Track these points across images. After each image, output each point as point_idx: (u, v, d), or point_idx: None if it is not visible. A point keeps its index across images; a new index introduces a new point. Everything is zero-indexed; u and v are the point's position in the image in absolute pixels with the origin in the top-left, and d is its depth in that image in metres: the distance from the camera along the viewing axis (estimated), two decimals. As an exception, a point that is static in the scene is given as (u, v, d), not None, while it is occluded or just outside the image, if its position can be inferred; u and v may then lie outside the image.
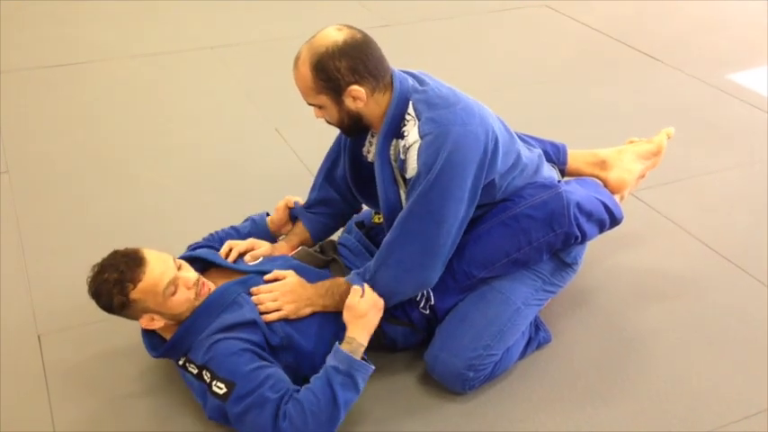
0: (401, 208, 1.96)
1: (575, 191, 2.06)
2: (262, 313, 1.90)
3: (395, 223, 1.90)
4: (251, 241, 2.16)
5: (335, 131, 2.12)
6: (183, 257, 2.07)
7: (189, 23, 4.48)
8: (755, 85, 3.78)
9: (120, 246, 1.96)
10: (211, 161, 3.13)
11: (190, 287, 1.89)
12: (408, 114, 1.90)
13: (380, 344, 2.06)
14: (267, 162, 3.12)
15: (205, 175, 3.03)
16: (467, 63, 4.04)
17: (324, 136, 2.26)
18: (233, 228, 2.29)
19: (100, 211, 2.79)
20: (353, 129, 2.00)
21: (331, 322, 1.97)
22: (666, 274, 2.50)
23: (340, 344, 1.86)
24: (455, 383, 1.99)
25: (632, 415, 1.98)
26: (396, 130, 1.92)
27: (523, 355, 2.12)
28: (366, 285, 1.93)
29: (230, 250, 2.12)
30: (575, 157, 2.38)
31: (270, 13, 4.62)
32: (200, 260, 2.09)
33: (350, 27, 1.91)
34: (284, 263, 2.07)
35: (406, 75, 1.98)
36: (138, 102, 3.62)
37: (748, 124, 3.43)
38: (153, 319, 1.90)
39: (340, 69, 1.85)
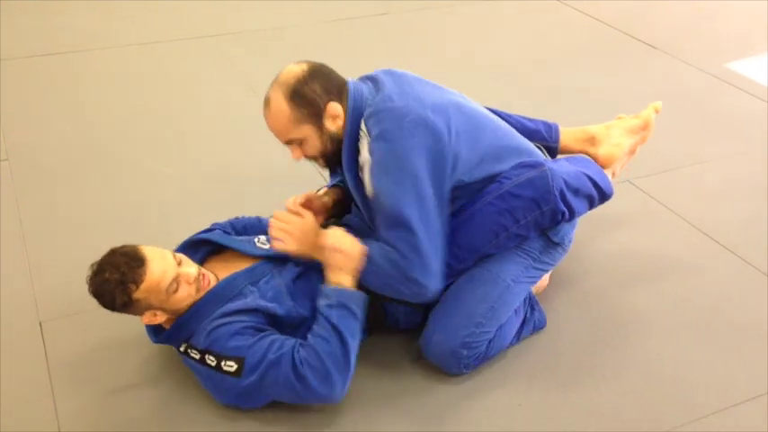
0: None
1: (561, 168, 2.06)
2: (271, 239, 1.99)
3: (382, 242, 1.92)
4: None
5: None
6: (195, 239, 2.11)
7: (190, 12, 4.47)
8: (754, 73, 3.79)
9: (119, 235, 1.97)
10: (212, 149, 3.14)
11: (191, 283, 1.90)
12: (361, 131, 1.93)
13: (383, 325, 2.09)
14: (268, 151, 3.11)
15: (205, 163, 3.03)
16: (467, 51, 4.04)
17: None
18: (257, 218, 2.32)
19: (100, 198, 2.80)
20: (335, 155, 2.00)
21: None
22: (664, 261, 2.51)
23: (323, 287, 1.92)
24: (450, 363, 2.01)
25: (630, 399, 2.00)
26: (355, 145, 1.95)
27: (518, 337, 2.14)
28: (350, 236, 1.94)
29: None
30: (564, 135, 2.40)
31: (270, 2, 4.61)
32: (211, 242, 2.11)
33: (301, 60, 1.99)
34: None
35: (363, 83, 2.02)
36: (139, 90, 3.61)
37: (746, 113, 3.44)
38: (155, 315, 1.92)
39: (316, 90, 1.92)
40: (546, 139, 2.33)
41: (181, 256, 1.95)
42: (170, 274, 1.86)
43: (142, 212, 2.71)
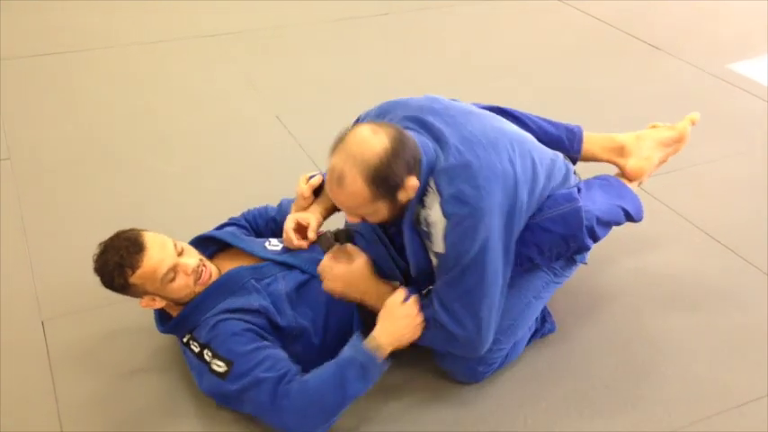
0: (430, 266, 1.89)
1: (594, 203, 2.02)
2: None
3: (435, 303, 1.84)
4: (296, 217, 2.12)
5: (336, 119, 2.10)
6: (206, 236, 2.12)
7: (190, 12, 4.46)
8: (755, 74, 3.78)
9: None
10: (212, 148, 3.14)
11: (189, 274, 1.91)
12: (429, 187, 1.80)
13: None
14: (268, 149, 3.12)
15: (206, 161, 3.03)
16: (467, 51, 4.04)
17: (324, 123, 2.27)
18: (264, 207, 2.33)
19: (101, 196, 2.80)
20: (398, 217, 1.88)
21: (345, 324, 1.99)
22: (665, 261, 2.51)
23: (361, 338, 1.84)
24: (465, 377, 2.01)
25: (633, 401, 2.00)
26: (418, 198, 1.82)
27: (530, 341, 2.14)
28: (413, 299, 1.87)
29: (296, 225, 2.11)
30: (591, 141, 2.29)
31: (271, 2, 4.61)
32: (221, 240, 2.12)
33: (377, 124, 1.79)
34: (302, 252, 2.07)
35: (419, 134, 1.85)
36: (140, 89, 3.61)
37: (748, 113, 3.44)
38: (154, 300, 1.94)
39: (398, 172, 1.73)
40: (567, 149, 2.23)
41: (183, 245, 1.96)
42: (167, 263, 1.88)
43: (143, 210, 2.71)
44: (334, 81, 3.69)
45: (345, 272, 1.92)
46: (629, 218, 2.13)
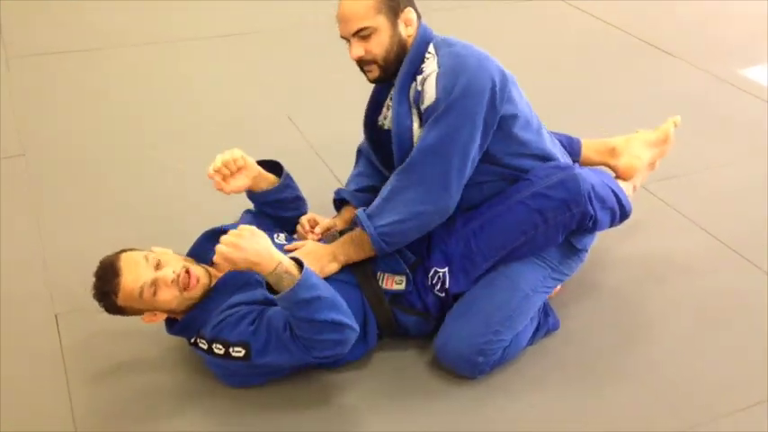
0: (412, 144, 2.01)
1: (588, 175, 2.07)
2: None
3: (415, 146, 1.97)
4: (314, 215, 2.30)
5: (348, 120, 2.13)
6: (217, 229, 2.16)
7: (202, 12, 4.49)
8: (764, 79, 3.78)
9: (133, 229, 2.05)
10: (224, 147, 3.13)
11: (169, 285, 1.90)
12: (428, 53, 2.03)
13: (394, 332, 2.09)
14: (279, 150, 3.10)
15: (218, 160, 3.05)
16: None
17: (336, 123, 2.29)
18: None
19: (114, 192, 2.83)
20: (395, 62, 2.03)
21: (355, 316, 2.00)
22: (674, 264, 2.52)
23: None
24: (465, 369, 2.02)
25: (638, 400, 2.01)
26: (416, 69, 2.02)
27: (532, 341, 2.15)
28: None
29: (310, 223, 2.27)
30: (585, 146, 2.42)
31: (283, 2, 4.63)
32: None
33: None
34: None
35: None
36: (153, 88, 3.64)
37: (757, 118, 3.43)
38: (155, 315, 1.96)
39: None
40: (568, 152, 2.32)
41: (160, 257, 1.94)
42: (142, 280, 1.88)
43: (155, 206, 2.74)
44: (346, 81, 3.69)
45: (306, 253, 2.01)
46: (620, 205, 2.15)
